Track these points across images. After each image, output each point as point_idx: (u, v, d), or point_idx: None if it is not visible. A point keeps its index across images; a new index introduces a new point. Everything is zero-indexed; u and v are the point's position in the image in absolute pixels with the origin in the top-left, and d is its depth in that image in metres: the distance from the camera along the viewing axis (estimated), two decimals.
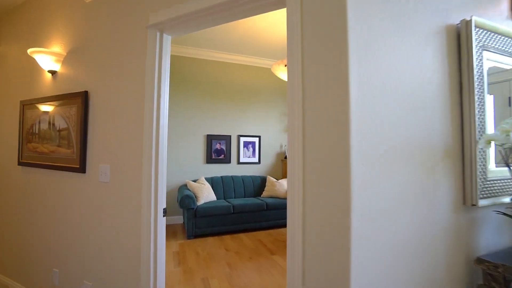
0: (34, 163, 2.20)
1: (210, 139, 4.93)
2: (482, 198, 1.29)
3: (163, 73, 1.70)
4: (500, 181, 1.39)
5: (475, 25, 1.32)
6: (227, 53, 5.01)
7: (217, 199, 4.55)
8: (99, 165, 1.85)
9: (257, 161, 5.31)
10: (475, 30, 1.32)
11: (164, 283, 1.68)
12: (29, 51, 2.01)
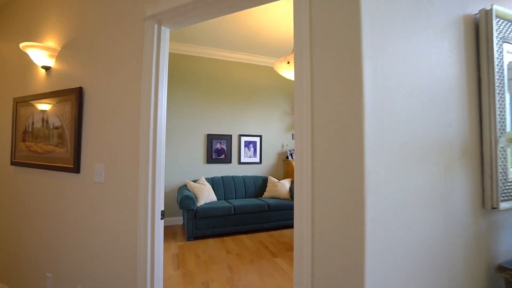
0: (27, 163, 2.12)
1: (210, 138, 4.85)
2: (503, 200, 1.20)
3: (161, 68, 1.62)
4: None
5: (496, 15, 1.23)
6: (228, 51, 4.92)
7: (217, 199, 4.46)
8: (94, 165, 1.76)
9: (258, 161, 5.22)
10: (496, 20, 1.23)
11: None
12: (22, 46, 1.92)
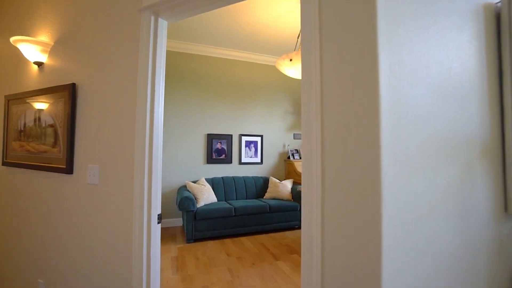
0: (20, 163, 2.02)
1: (210, 138, 4.75)
2: None
3: (158, 63, 1.52)
4: None
5: None
6: (228, 49, 4.83)
7: (217, 200, 4.36)
8: (87, 165, 1.67)
9: (259, 161, 5.12)
10: None
11: None
12: (12, 40, 1.83)
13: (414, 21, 0.97)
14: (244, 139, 5.00)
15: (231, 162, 4.90)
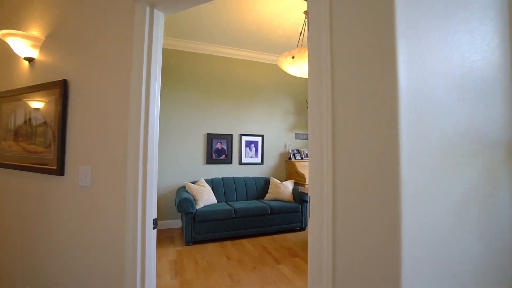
0: (8, 164, 1.93)
1: (210, 138, 4.66)
2: None
3: (154, 58, 1.43)
4: None
5: None
6: (228, 47, 4.73)
7: (217, 202, 4.26)
8: (79, 166, 1.58)
9: (260, 161, 5.02)
10: None
11: None
12: (1, 34, 1.73)
13: (434, 8, 0.87)
14: (244, 139, 4.91)
15: (231, 162, 4.80)
